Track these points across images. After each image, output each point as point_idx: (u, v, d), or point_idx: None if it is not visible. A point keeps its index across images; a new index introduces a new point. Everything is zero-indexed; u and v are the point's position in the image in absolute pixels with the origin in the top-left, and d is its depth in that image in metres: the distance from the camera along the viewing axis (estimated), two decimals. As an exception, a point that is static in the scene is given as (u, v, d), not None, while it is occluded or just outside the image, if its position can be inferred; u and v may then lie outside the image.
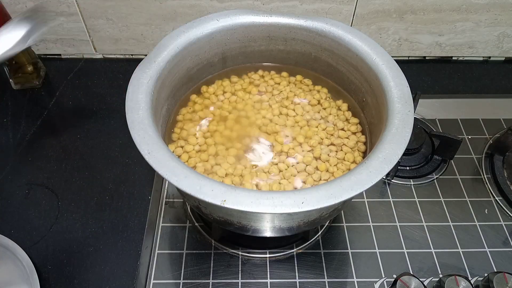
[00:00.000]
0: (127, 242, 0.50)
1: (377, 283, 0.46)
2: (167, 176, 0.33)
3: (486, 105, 0.65)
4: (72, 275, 0.47)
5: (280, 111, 0.47)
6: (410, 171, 0.56)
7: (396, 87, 0.40)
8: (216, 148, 0.44)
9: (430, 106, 0.64)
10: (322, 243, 0.50)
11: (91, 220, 0.52)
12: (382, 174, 0.33)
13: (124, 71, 0.70)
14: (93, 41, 0.70)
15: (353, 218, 0.52)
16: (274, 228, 0.42)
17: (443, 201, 0.53)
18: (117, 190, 0.55)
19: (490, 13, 0.66)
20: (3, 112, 0.63)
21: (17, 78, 0.66)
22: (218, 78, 0.51)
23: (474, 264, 0.48)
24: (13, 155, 0.58)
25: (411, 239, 0.50)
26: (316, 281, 0.47)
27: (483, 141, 0.60)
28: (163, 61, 0.42)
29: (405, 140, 0.36)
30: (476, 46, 0.71)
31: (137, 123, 0.36)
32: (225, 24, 0.46)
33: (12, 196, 0.54)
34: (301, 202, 0.32)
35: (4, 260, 0.46)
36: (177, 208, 0.53)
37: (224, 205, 0.31)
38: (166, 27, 0.67)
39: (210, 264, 0.48)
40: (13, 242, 0.47)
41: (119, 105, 0.64)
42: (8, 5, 0.63)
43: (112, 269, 0.48)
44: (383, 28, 0.68)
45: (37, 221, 0.52)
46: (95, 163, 0.57)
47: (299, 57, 0.50)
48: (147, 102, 0.38)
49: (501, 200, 0.54)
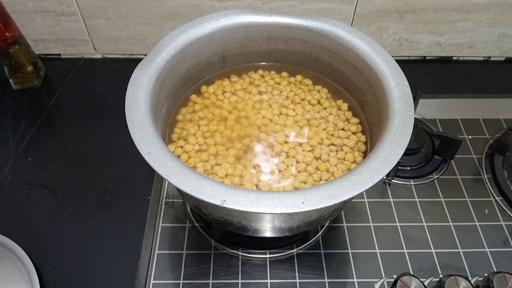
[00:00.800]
0: (127, 242, 0.50)
1: (377, 283, 0.46)
2: (167, 176, 0.33)
3: (486, 105, 0.65)
4: (72, 275, 0.47)
5: (280, 111, 0.47)
6: (410, 171, 0.56)
7: (396, 87, 0.40)
8: (216, 148, 0.44)
9: (431, 106, 0.64)
10: (322, 243, 0.50)
11: (91, 220, 0.52)
12: (382, 174, 0.33)
13: (123, 71, 0.70)
14: (92, 41, 0.70)
15: (354, 218, 0.52)
16: (274, 228, 0.42)
17: (443, 201, 0.53)
18: (117, 190, 0.55)
19: (490, 13, 0.66)
20: (3, 112, 0.63)
21: (17, 78, 0.66)
22: (218, 78, 0.51)
23: (474, 264, 0.48)
24: (13, 155, 0.58)
25: (412, 239, 0.50)
26: (316, 281, 0.46)
27: (483, 141, 0.60)
28: (163, 61, 0.42)
29: (406, 140, 0.36)
30: (476, 46, 0.71)
31: (137, 123, 0.36)
32: (225, 24, 0.46)
33: (12, 196, 0.54)
34: (301, 202, 0.32)
35: (4, 260, 0.46)
36: (177, 208, 0.53)
37: (224, 205, 0.31)
38: (166, 27, 0.67)
39: (210, 264, 0.48)
40: (13, 242, 0.47)
41: (119, 105, 0.64)
42: (8, 5, 0.63)
43: (112, 269, 0.48)
44: (384, 28, 0.68)
45: (37, 221, 0.52)
46: (95, 163, 0.57)
47: (299, 57, 0.50)
48: (146, 102, 0.38)
49: (501, 200, 0.53)
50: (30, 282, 0.44)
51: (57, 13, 0.66)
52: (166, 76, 0.43)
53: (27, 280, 0.45)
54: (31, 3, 0.64)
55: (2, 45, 0.61)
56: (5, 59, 0.63)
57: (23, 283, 0.45)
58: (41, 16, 0.66)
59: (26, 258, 0.46)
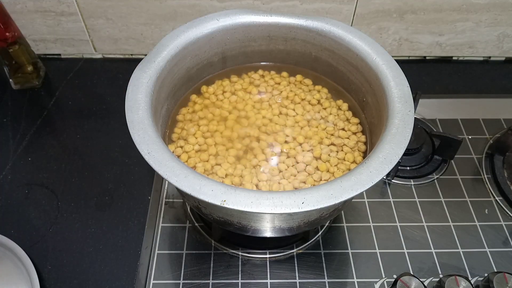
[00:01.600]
0: (127, 242, 0.50)
1: (377, 283, 0.46)
2: (167, 176, 0.33)
3: (486, 105, 0.65)
4: (72, 275, 0.47)
5: (280, 111, 0.47)
6: (410, 171, 0.56)
7: (396, 87, 0.40)
8: (216, 148, 0.44)
9: (431, 106, 0.64)
10: (322, 243, 0.50)
11: (91, 220, 0.52)
12: (382, 174, 0.33)
13: (123, 71, 0.70)
14: (92, 41, 0.70)
15: (354, 218, 0.52)
16: (274, 229, 0.42)
17: (443, 201, 0.53)
18: (117, 190, 0.55)
19: (490, 13, 0.66)
20: (3, 112, 0.63)
21: (17, 78, 0.66)
22: (218, 78, 0.51)
23: (474, 264, 0.48)
24: (13, 155, 0.58)
25: (412, 239, 0.50)
26: (316, 281, 0.46)
27: (483, 141, 0.60)
28: (163, 61, 0.42)
29: (406, 140, 0.36)
30: (476, 46, 0.71)
31: (137, 123, 0.36)
32: (225, 24, 0.46)
33: (12, 196, 0.54)
34: (301, 202, 0.32)
35: (4, 260, 0.46)
36: (176, 208, 0.53)
37: (224, 205, 0.31)
38: (166, 27, 0.67)
39: (210, 264, 0.48)
40: (13, 242, 0.47)
41: (119, 105, 0.64)
42: (8, 5, 0.63)
43: (112, 269, 0.48)
44: (384, 28, 0.68)
45: (37, 221, 0.52)
46: (95, 163, 0.57)
47: (299, 57, 0.50)
48: (146, 102, 0.38)
49: (501, 200, 0.53)
50: (30, 282, 0.44)
51: (57, 13, 0.66)
52: (166, 76, 0.43)
53: (27, 280, 0.45)
54: (31, 3, 0.64)
55: (2, 45, 0.61)
56: (5, 59, 0.63)
57: (23, 283, 0.45)
58: (41, 16, 0.66)
59: (26, 258, 0.46)
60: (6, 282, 0.45)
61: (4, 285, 0.45)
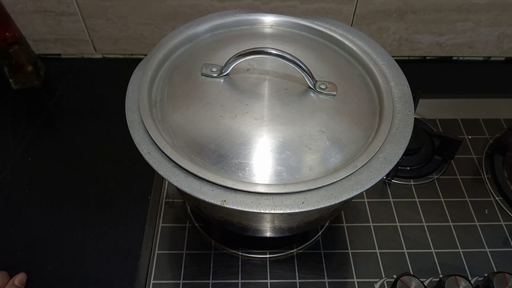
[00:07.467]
0: (127, 242, 0.50)
1: (377, 283, 0.46)
2: (167, 176, 0.33)
3: (486, 105, 0.65)
4: (72, 275, 0.47)
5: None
6: (410, 171, 0.56)
7: (396, 87, 0.40)
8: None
9: (430, 106, 0.64)
10: (322, 243, 0.50)
11: (91, 220, 0.52)
12: (382, 174, 0.33)
13: (124, 71, 0.70)
14: (92, 41, 0.70)
15: (354, 218, 0.52)
16: (274, 228, 0.42)
17: (443, 201, 0.53)
18: (117, 190, 0.54)
19: (490, 13, 0.66)
20: (3, 112, 0.63)
21: (17, 78, 0.66)
22: (218, 78, 0.51)
23: (474, 264, 0.48)
24: (13, 155, 0.58)
25: (411, 239, 0.50)
26: (316, 281, 0.46)
27: (483, 141, 0.60)
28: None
29: (406, 140, 0.36)
30: (476, 46, 0.71)
31: (137, 123, 0.36)
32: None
33: (12, 196, 0.54)
34: (301, 202, 0.32)
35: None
36: (177, 208, 0.53)
37: (224, 205, 0.31)
38: (166, 27, 0.67)
39: (210, 264, 0.48)
40: None
41: (118, 105, 0.64)
42: (8, 5, 0.63)
43: (112, 269, 0.48)
44: (384, 28, 0.68)
45: (37, 221, 0.52)
46: (94, 163, 0.57)
47: (299, 57, 0.50)
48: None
49: (501, 200, 0.53)
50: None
51: (57, 13, 0.66)
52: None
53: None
54: (31, 3, 0.64)
55: (2, 45, 0.61)
56: (5, 59, 0.63)
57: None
58: (41, 16, 0.66)
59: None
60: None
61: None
